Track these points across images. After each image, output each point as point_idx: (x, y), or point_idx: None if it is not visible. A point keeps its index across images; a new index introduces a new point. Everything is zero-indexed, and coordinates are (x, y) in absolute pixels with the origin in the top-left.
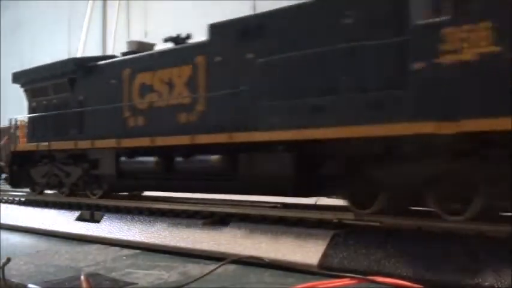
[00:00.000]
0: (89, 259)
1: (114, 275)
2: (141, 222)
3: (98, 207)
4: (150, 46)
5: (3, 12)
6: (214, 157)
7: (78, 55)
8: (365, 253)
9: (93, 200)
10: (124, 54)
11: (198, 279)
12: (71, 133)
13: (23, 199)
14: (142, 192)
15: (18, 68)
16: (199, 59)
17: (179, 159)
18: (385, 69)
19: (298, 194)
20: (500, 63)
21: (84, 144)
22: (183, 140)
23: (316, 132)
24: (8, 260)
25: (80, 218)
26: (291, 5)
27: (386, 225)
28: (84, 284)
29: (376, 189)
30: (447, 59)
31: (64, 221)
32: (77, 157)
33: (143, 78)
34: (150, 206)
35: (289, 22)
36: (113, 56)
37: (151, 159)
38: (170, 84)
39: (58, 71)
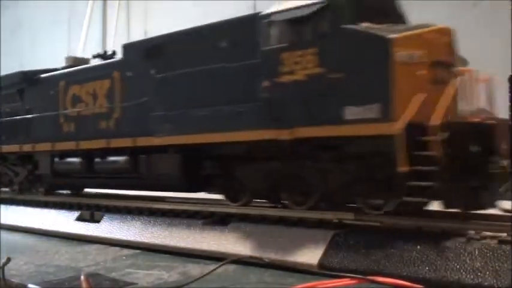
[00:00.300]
0: (89, 259)
1: (114, 275)
2: (141, 222)
3: (98, 207)
4: (85, 61)
5: (3, 12)
6: (122, 158)
7: (78, 55)
8: (365, 253)
9: (94, 200)
10: (63, 68)
11: (198, 279)
12: (19, 137)
13: None
14: (81, 190)
15: (18, 68)
16: (115, 74)
17: (98, 159)
18: (245, 86)
19: (186, 190)
20: (322, 82)
21: (27, 147)
22: (101, 143)
23: (196, 137)
24: (8, 260)
25: (80, 218)
26: (185, 29)
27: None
28: (84, 284)
29: (242, 185)
30: (285, 79)
31: (64, 221)
32: (24, 158)
33: (74, 89)
34: (150, 206)
35: (182, 44)
36: (56, 69)
37: (77, 160)
38: (94, 96)
39: (9, 82)
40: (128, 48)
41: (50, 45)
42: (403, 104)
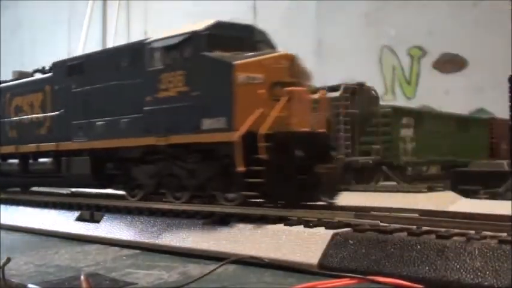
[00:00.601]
0: (89, 259)
1: (114, 275)
2: (141, 222)
3: (98, 207)
4: (29, 75)
5: (3, 12)
6: (48, 160)
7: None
8: (365, 253)
9: (94, 200)
10: (10, 80)
11: (198, 279)
12: None
13: None
14: (26, 188)
15: (18, 68)
16: (47, 88)
17: (31, 161)
18: (135, 100)
19: (95, 187)
20: (187, 98)
21: None
22: (33, 148)
23: (101, 143)
24: (8, 260)
25: (80, 218)
26: (100, 50)
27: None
28: (84, 284)
29: (137, 183)
30: (162, 95)
31: (64, 221)
32: None
33: (17, 101)
34: (150, 206)
35: (95, 63)
36: (5, 81)
37: (16, 161)
38: (32, 106)
39: None
40: (56, 65)
41: (50, 45)
42: (243, 117)
